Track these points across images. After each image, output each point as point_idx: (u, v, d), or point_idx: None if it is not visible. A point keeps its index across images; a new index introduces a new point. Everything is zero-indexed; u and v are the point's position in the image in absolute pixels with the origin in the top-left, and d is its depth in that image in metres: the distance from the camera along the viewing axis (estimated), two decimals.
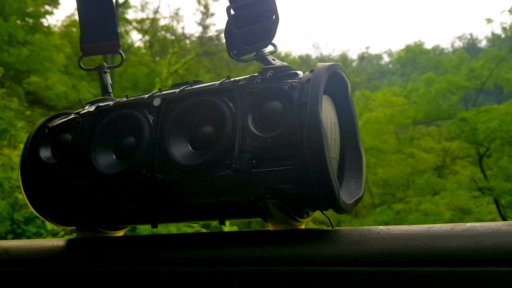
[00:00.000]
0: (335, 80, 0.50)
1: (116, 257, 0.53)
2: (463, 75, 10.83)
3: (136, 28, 13.60)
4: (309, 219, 0.51)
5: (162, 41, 14.52)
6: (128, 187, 0.51)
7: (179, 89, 0.53)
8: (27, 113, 7.03)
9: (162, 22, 15.21)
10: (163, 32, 14.97)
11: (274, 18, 0.52)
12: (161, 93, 0.54)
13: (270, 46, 0.53)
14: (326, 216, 0.50)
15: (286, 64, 0.50)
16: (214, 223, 3.54)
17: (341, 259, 0.41)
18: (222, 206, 0.49)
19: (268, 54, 0.53)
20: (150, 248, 0.52)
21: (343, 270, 0.41)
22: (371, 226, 0.44)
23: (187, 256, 0.48)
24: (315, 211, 0.51)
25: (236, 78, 0.51)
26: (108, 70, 0.70)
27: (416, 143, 11.62)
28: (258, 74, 0.50)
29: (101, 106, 0.57)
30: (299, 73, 0.49)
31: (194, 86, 0.53)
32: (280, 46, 0.54)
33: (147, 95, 0.55)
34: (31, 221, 4.18)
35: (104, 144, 0.54)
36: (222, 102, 0.49)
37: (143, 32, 13.80)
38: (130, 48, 12.40)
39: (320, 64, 0.47)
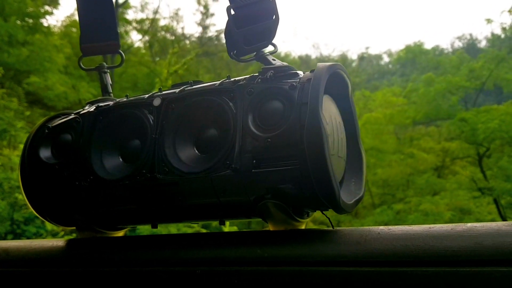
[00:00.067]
0: (336, 80, 0.50)
1: (116, 257, 0.52)
2: (463, 76, 10.83)
3: (136, 28, 13.61)
4: (309, 219, 0.51)
5: (162, 41, 14.52)
6: (128, 187, 0.51)
7: (179, 89, 0.53)
8: (27, 113, 7.02)
9: (162, 23, 15.24)
10: (163, 32, 14.99)
11: (274, 18, 0.52)
12: (161, 93, 0.54)
13: (270, 46, 0.53)
14: (327, 216, 0.50)
15: (286, 64, 0.50)
16: (214, 224, 3.54)
17: (341, 260, 0.41)
18: (222, 206, 0.49)
19: (268, 54, 0.52)
20: (150, 248, 0.52)
21: (344, 270, 0.41)
22: (372, 226, 0.44)
23: (187, 256, 0.48)
24: (315, 211, 0.51)
25: (236, 78, 0.51)
26: (108, 70, 0.69)
27: (416, 143, 11.62)
28: (258, 74, 0.50)
29: (101, 106, 0.57)
30: (300, 73, 0.49)
31: (194, 86, 0.53)
32: (280, 46, 0.54)
33: (147, 95, 0.55)
34: (31, 221, 4.18)
35: (104, 144, 0.54)
36: (223, 102, 0.49)
37: (143, 32, 13.81)
38: (130, 48, 12.40)
39: (320, 64, 0.47)
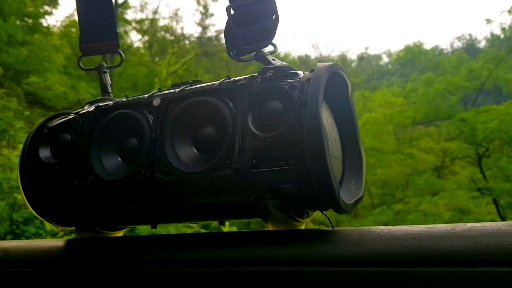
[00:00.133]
0: (336, 80, 0.50)
1: (115, 257, 0.52)
2: (462, 76, 10.84)
3: (135, 28, 13.61)
4: (309, 220, 0.51)
5: (161, 41, 14.52)
6: (127, 187, 0.51)
7: (179, 89, 0.53)
8: (26, 113, 7.02)
9: (161, 23, 15.24)
10: (163, 32, 14.98)
11: (274, 18, 0.52)
12: (160, 93, 0.54)
13: (270, 46, 0.53)
14: (326, 216, 0.50)
15: (286, 64, 0.50)
16: (214, 224, 3.54)
17: (341, 260, 0.41)
18: (222, 206, 0.49)
19: (268, 54, 0.52)
20: (149, 248, 0.52)
21: (344, 270, 0.41)
22: (372, 227, 0.44)
23: (187, 256, 0.48)
24: (315, 211, 0.51)
25: (236, 78, 0.51)
26: (107, 70, 0.69)
27: (415, 144, 11.62)
28: (258, 74, 0.50)
29: (100, 106, 0.57)
30: (299, 73, 0.49)
31: (194, 86, 0.53)
32: (279, 46, 0.54)
33: (147, 95, 0.55)
34: (30, 221, 4.17)
35: (104, 144, 0.54)
36: (222, 102, 0.49)
37: (143, 32, 13.80)
38: (129, 48, 12.40)
39: (320, 64, 0.47)
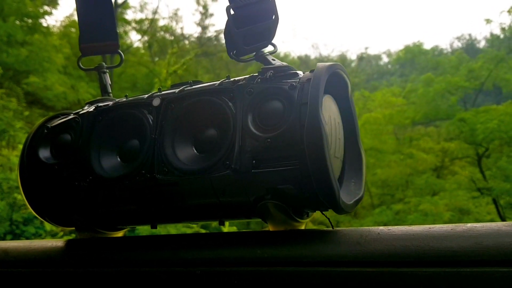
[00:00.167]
0: (335, 80, 0.50)
1: (115, 258, 0.52)
2: (462, 76, 10.85)
3: (135, 28, 13.61)
4: (309, 220, 0.51)
5: (161, 41, 14.52)
6: (127, 188, 0.51)
7: (179, 89, 0.53)
8: (26, 113, 7.02)
9: (161, 23, 15.24)
10: (162, 32, 14.98)
11: (274, 18, 0.52)
12: (160, 93, 0.54)
13: (270, 46, 0.53)
14: (326, 216, 0.50)
15: (286, 64, 0.50)
16: (214, 224, 3.54)
17: (341, 260, 0.41)
18: (221, 206, 0.49)
19: (268, 54, 0.52)
20: (149, 248, 0.52)
21: (344, 271, 0.41)
22: (372, 227, 0.44)
23: (187, 257, 0.48)
24: (315, 212, 0.51)
25: (236, 78, 0.51)
26: (107, 70, 0.69)
27: (415, 144, 11.62)
28: (258, 74, 0.50)
29: (100, 106, 0.57)
30: (299, 73, 0.49)
31: (194, 86, 0.53)
32: (279, 46, 0.54)
33: (147, 95, 0.55)
34: (30, 221, 4.17)
35: (103, 144, 0.54)
36: (222, 102, 0.49)
37: (142, 32, 13.80)
38: (129, 48, 12.40)
39: (320, 64, 0.47)
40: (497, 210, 9.22)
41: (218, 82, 0.52)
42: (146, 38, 14.03)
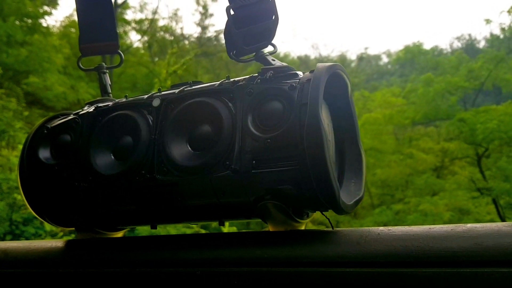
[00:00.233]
0: (335, 80, 0.50)
1: (115, 258, 0.52)
2: (462, 76, 10.85)
3: (135, 28, 13.61)
4: (309, 220, 0.51)
5: (161, 41, 14.52)
6: (127, 188, 0.51)
7: (179, 89, 0.53)
8: (26, 113, 7.02)
9: (161, 23, 15.23)
10: (162, 32, 14.97)
11: (274, 18, 0.52)
12: (160, 93, 0.54)
13: (270, 47, 0.53)
14: (326, 217, 0.50)
15: (286, 64, 0.50)
16: (214, 224, 3.54)
17: (341, 260, 0.41)
18: (221, 206, 0.49)
19: (267, 54, 0.52)
20: (149, 249, 0.52)
21: (344, 271, 0.41)
22: (371, 227, 0.44)
23: (187, 257, 0.48)
24: (315, 212, 0.51)
25: (235, 79, 0.51)
26: (107, 71, 0.69)
27: (415, 144, 11.63)
28: (258, 74, 0.50)
29: (100, 106, 0.57)
30: (299, 73, 0.49)
31: (194, 87, 0.53)
32: (279, 46, 0.54)
33: (147, 96, 0.55)
34: (30, 222, 4.17)
35: (103, 144, 0.54)
36: (222, 103, 0.49)
37: (142, 32, 13.80)
38: (129, 48, 12.40)
39: (320, 64, 0.47)
40: (497, 210, 9.23)
41: (218, 82, 0.52)
42: (146, 38, 14.04)
